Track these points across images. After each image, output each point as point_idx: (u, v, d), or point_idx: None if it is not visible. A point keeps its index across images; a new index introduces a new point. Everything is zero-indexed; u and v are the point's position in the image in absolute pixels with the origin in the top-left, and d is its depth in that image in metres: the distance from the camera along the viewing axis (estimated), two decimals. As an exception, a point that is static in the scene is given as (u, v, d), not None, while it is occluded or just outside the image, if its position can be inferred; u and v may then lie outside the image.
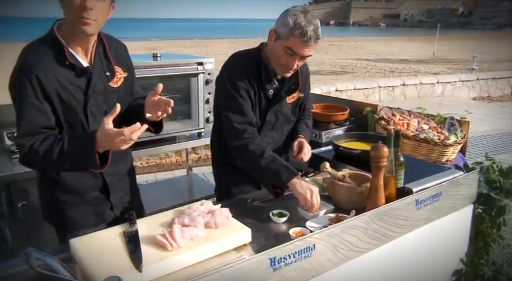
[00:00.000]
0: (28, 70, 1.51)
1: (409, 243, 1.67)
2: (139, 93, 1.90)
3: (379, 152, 1.49)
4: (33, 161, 1.55)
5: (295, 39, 1.78)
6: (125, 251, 1.31)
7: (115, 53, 1.73)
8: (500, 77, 10.74)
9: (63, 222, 1.76)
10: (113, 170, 1.76)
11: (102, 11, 1.53)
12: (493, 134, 6.61)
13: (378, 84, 9.36)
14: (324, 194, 1.84)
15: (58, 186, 1.72)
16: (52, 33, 1.57)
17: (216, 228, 1.45)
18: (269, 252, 1.21)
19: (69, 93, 1.58)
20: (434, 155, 2.29)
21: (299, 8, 1.85)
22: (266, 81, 1.97)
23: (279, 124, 2.09)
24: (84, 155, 1.50)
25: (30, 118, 1.52)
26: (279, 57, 1.86)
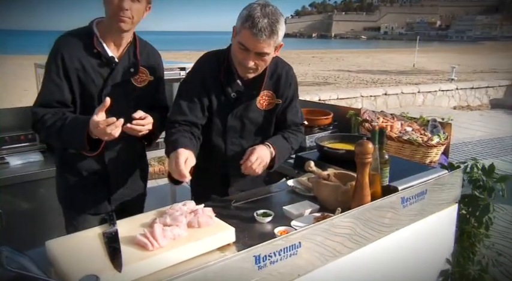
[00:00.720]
0: (56, 50, 1.71)
1: (395, 242, 1.65)
2: (160, 101, 1.98)
3: (364, 148, 1.47)
4: (40, 129, 1.74)
5: (245, 31, 1.64)
6: (103, 252, 1.26)
7: (146, 56, 1.88)
8: (478, 87, 10.99)
9: (71, 205, 1.92)
10: (116, 159, 1.86)
11: (138, 11, 1.71)
12: (473, 140, 6.72)
13: (361, 94, 9.46)
14: (309, 194, 1.82)
15: (68, 168, 1.87)
16: (89, 27, 1.77)
17: (199, 228, 1.40)
18: (253, 249, 1.17)
19: (90, 77, 1.73)
20: (418, 156, 2.29)
21: (260, 1, 1.69)
22: (227, 82, 1.83)
23: (248, 132, 1.92)
24: (76, 136, 1.65)
25: (48, 91, 1.72)
26: (236, 55, 1.74)
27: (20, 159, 2.73)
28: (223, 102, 1.85)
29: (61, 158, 1.90)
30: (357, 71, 19.83)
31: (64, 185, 1.91)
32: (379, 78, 16.89)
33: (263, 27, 1.62)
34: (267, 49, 1.67)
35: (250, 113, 1.88)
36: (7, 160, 2.71)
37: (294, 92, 1.99)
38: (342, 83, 15.24)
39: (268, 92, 1.90)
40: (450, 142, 2.52)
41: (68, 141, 1.70)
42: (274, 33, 1.65)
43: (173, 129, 1.77)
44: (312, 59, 27.26)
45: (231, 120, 1.88)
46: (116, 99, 1.69)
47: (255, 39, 1.63)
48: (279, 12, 1.68)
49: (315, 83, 14.98)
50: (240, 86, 1.84)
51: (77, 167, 1.85)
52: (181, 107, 1.81)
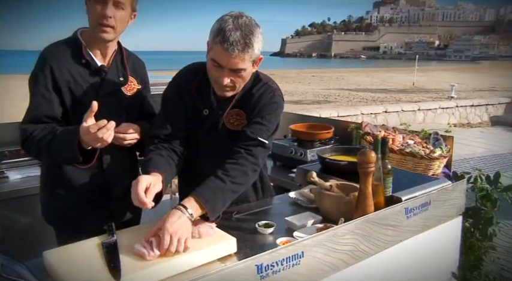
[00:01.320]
0: (44, 62, 1.64)
1: (399, 254, 1.62)
2: (147, 109, 1.92)
3: (367, 157, 1.46)
4: (30, 147, 1.63)
5: (217, 47, 1.50)
6: (102, 262, 1.23)
7: (132, 65, 1.84)
8: (478, 105, 11.03)
9: (62, 221, 1.78)
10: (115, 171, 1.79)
11: (122, 19, 1.66)
12: (475, 157, 6.71)
13: (361, 112, 9.48)
14: (311, 206, 1.80)
15: (59, 183, 1.76)
16: (74, 36, 1.72)
17: (199, 238, 1.38)
18: (256, 258, 1.15)
19: (81, 88, 1.67)
20: (421, 168, 2.27)
21: (233, 13, 1.55)
22: (199, 96, 1.70)
23: (222, 153, 1.63)
24: (67, 146, 1.55)
25: (37, 106, 1.63)
26: (210, 73, 1.60)
27: (19, 173, 2.71)
28: (196, 117, 1.72)
29: (54, 175, 1.76)
30: (357, 89, 19.94)
31: (57, 204, 1.79)
32: (379, 96, 16.97)
33: (235, 40, 1.47)
34: (241, 65, 1.52)
35: (220, 132, 1.71)
36: (6, 174, 2.70)
37: (265, 111, 1.67)
38: (342, 101, 15.31)
39: (238, 110, 1.71)
40: (452, 156, 2.50)
41: (59, 153, 1.58)
42: (248, 47, 1.50)
43: (151, 146, 1.65)
44: (312, 78, 27.45)
45: (202, 137, 1.74)
46: (107, 109, 1.66)
47: (227, 55, 1.49)
48: (254, 23, 1.54)
49: (315, 102, 15.05)
50: (213, 103, 1.70)
51: (74, 183, 1.74)
52: (161, 122, 1.71)
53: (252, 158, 1.59)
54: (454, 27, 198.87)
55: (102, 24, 1.61)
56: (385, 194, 1.62)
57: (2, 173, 2.71)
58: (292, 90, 18.48)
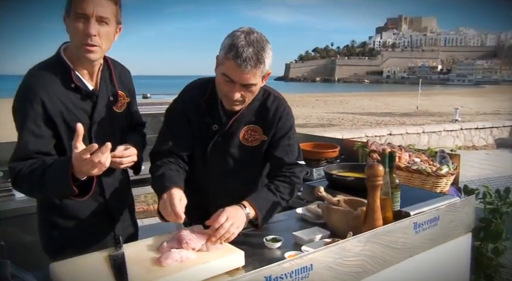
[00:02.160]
0: (32, 94, 1.49)
1: (408, 270, 1.59)
2: (136, 120, 1.89)
3: (375, 170, 1.46)
4: (20, 184, 1.51)
5: (229, 62, 1.52)
6: (110, 274, 1.22)
7: (119, 77, 1.74)
8: (483, 127, 11.01)
9: (61, 252, 1.55)
10: (116, 197, 1.74)
11: (107, 36, 1.53)
12: (481, 178, 6.66)
13: (365, 134, 9.47)
14: (319, 221, 1.79)
15: (58, 212, 1.66)
16: (58, 56, 1.58)
17: (207, 251, 1.37)
18: (264, 270, 1.13)
19: (75, 116, 1.56)
20: (428, 186, 2.26)
21: (244, 28, 1.58)
22: (208, 112, 1.71)
23: (232, 169, 1.75)
24: (60, 180, 1.41)
25: (25, 143, 1.49)
26: (220, 87, 1.62)
27: (26, 191, 2.72)
28: (204, 133, 1.72)
29: (51, 205, 1.65)
30: (361, 113, 20.00)
31: (58, 237, 1.69)
32: (383, 120, 17.00)
33: (248, 57, 1.49)
34: (253, 80, 1.55)
35: (232, 147, 1.72)
36: (13, 193, 2.71)
37: (284, 128, 1.76)
38: (346, 125, 15.34)
39: (254, 126, 1.74)
40: (459, 174, 2.49)
41: (52, 188, 1.46)
42: (260, 63, 1.53)
43: (159, 162, 1.66)
44: (316, 102, 27.59)
45: (211, 154, 1.73)
46: (102, 131, 1.63)
47: (240, 70, 1.51)
48: (264, 39, 1.57)
49: (320, 125, 15.09)
50: (222, 117, 1.71)
51: (74, 211, 1.65)
52: (165, 137, 1.73)
53: (297, 179, 1.76)
54: (456, 52, 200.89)
55: (86, 44, 1.48)
56: (393, 208, 1.61)
57: (9, 191, 2.72)
58: (297, 114, 18.46)
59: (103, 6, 1.48)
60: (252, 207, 1.55)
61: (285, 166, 1.75)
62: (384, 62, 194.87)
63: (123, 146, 1.64)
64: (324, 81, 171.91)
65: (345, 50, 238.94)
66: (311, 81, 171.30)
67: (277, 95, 1.80)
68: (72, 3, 1.48)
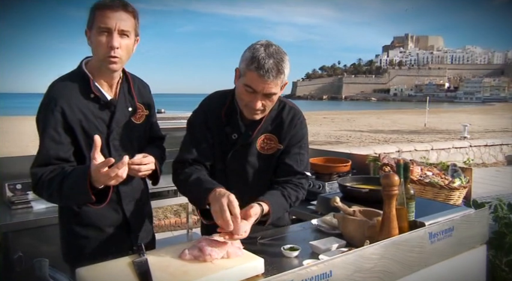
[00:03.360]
0: (53, 102, 1.58)
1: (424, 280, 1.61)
2: (156, 133, 1.95)
3: (391, 180, 1.50)
4: (41, 190, 1.58)
5: (251, 74, 1.61)
6: (135, 279, 1.26)
7: (138, 91, 1.81)
8: (493, 144, 10.96)
9: (80, 259, 1.59)
10: (134, 207, 1.78)
11: (127, 48, 1.63)
12: (492, 195, 6.62)
13: (374, 151, 9.46)
14: (334, 232, 1.81)
15: (78, 220, 1.71)
16: (80, 68, 1.68)
17: (228, 258, 1.41)
18: (286, 275, 1.17)
19: (93, 125, 1.64)
20: (440, 199, 2.28)
21: (262, 41, 1.67)
22: (228, 122, 1.79)
23: (250, 176, 1.82)
24: (79, 188, 1.49)
25: (46, 149, 1.58)
26: (241, 97, 1.70)
27: (43, 203, 2.77)
28: (224, 142, 1.80)
29: (72, 214, 1.72)
30: (369, 130, 20.01)
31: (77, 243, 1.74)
32: (391, 137, 17.00)
33: (270, 68, 1.59)
34: (274, 89, 1.64)
35: (250, 156, 1.80)
36: (31, 205, 2.77)
37: (298, 137, 1.85)
38: (354, 142, 15.34)
39: (270, 135, 1.82)
40: (472, 187, 2.51)
41: (71, 196, 1.54)
42: (280, 73, 1.63)
43: (186, 169, 1.73)
44: (323, 120, 27.67)
45: (230, 163, 1.81)
46: (121, 141, 1.70)
47: (263, 81, 1.60)
48: (282, 51, 1.67)
49: (327, 142, 15.10)
50: (241, 127, 1.79)
51: (93, 220, 1.71)
52: (188, 147, 1.80)
53: (304, 191, 1.86)
54: (463, 69, 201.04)
55: (109, 56, 1.58)
56: (408, 218, 1.64)
57: (27, 204, 2.77)
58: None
59: (124, 21, 1.60)
60: (267, 205, 1.64)
61: (294, 175, 1.82)
62: (391, 80, 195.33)
63: (142, 154, 1.68)
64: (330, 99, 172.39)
65: (351, 68, 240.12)
66: (318, 99, 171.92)
67: (292, 105, 1.89)
68: (95, 18, 1.59)
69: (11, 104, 52.43)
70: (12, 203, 2.75)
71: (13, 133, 15.28)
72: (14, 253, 2.53)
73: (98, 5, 1.59)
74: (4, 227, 2.52)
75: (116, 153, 1.68)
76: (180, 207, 5.23)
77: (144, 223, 1.90)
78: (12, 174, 2.93)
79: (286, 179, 1.81)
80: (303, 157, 1.85)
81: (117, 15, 1.57)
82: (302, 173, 1.84)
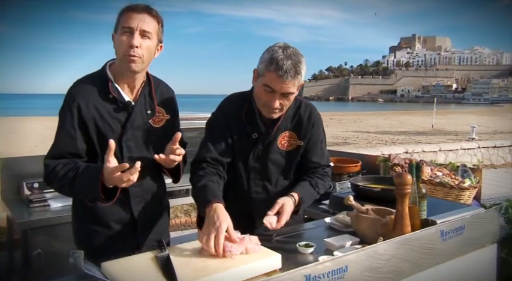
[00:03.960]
0: (71, 99, 1.67)
1: (435, 278, 1.65)
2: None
3: (404, 178, 1.54)
4: (51, 181, 1.67)
5: (270, 74, 1.69)
6: (158, 273, 1.32)
7: (161, 95, 1.84)
8: (501, 146, 10.91)
9: (91, 252, 1.64)
10: (143, 207, 1.81)
11: (148, 49, 1.67)
12: (501, 196, 6.61)
13: (381, 152, 9.48)
14: (347, 230, 1.86)
15: (89, 216, 1.77)
16: (103, 69, 1.75)
17: (246, 253, 1.46)
18: (304, 269, 1.22)
19: (107, 124, 1.69)
20: (451, 198, 2.32)
21: (280, 44, 1.76)
22: (248, 122, 1.87)
23: (271, 173, 1.92)
24: (90, 186, 1.57)
25: (61, 143, 1.67)
26: (260, 97, 1.78)
27: (60, 202, 2.84)
28: (244, 142, 1.88)
29: (84, 209, 1.79)
30: (376, 132, 19.96)
31: (87, 236, 1.80)
32: (398, 138, 16.95)
33: (288, 68, 1.67)
34: (292, 89, 1.73)
35: (271, 154, 1.89)
36: (48, 203, 2.84)
37: (318, 133, 1.97)
38: (361, 143, 15.33)
39: (289, 133, 1.91)
40: (481, 187, 2.54)
41: (82, 191, 1.63)
42: (298, 74, 1.71)
43: (201, 172, 1.79)
44: (330, 121, 27.61)
45: (252, 161, 1.89)
46: (135, 143, 1.74)
47: (281, 81, 1.69)
48: (300, 53, 1.75)
49: (335, 143, 15.09)
50: (261, 126, 1.87)
51: (102, 216, 1.77)
52: (207, 147, 1.86)
53: (328, 178, 2.02)
54: (471, 70, 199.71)
55: (129, 54, 1.63)
56: (420, 216, 1.69)
57: (44, 202, 2.85)
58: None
59: (146, 22, 1.66)
60: (297, 196, 1.80)
61: (321, 168, 1.98)
62: (398, 81, 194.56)
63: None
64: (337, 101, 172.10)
65: (358, 69, 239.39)
66: (325, 100, 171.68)
67: (308, 103, 1.99)
68: (120, 21, 1.67)
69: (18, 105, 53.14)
70: (30, 202, 2.83)
71: (21, 134, 15.47)
72: (33, 249, 2.61)
73: (124, 9, 1.67)
74: (23, 224, 2.59)
75: (128, 154, 1.72)
76: (190, 207, 5.30)
77: (155, 224, 1.91)
78: (30, 173, 3.00)
79: (313, 171, 1.96)
80: (325, 151, 2.03)
81: (140, 17, 1.65)
82: (327, 165, 2.02)
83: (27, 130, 17.27)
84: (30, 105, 52.42)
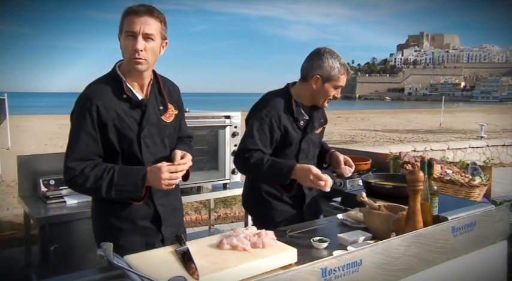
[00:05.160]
0: (90, 102, 1.71)
1: (447, 273, 1.69)
2: (185, 132, 2.06)
3: (416, 176, 1.58)
4: (80, 184, 1.70)
5: (344, 76, 2.16)
6: (179, 265, 1.37)
7: (168, 91, 1.92)
8: (510, 144, 10.85)
9: (116, 249, 1.65)
10: (164, 201, 1.88)
11: (152, 50, 1.74)
12: (511, 194, 6.60)
13: (390, 150, 9.45)
14: (359, 226, 1.90)
15: (113, 213, 1.82)
16: (114, 70, 1.81)
17: (263, 248, 1.50)
18: (321, 262, 1.26)
19: (125, 123, 1.75)
20: (461, 196, 2.35)
21: (329, 52, 2.15)
22: (297, 114, 2.20)
23: (311, 152, 2.31)
24: (133, 191, 1.68)
25: (85, 145, 1.71)
26: (329, 94, 2.18)
27: (75, 199, 2.90)
28: (296, 131, 2.21)
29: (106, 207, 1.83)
30: (383, 130, 19.90)
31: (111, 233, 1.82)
32: (406, 136, 16.89)
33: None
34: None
35: (313, 136, 2.29)
36: (64, 199, 2.90)
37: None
38: (369, 142, 15.29)
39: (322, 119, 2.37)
40: (491, 185, 2.56)
41: (122, 192, 1.69)
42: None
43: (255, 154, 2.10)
44: (337, 119, 27.55)
45: (303, 145, 2.24)
46: (152, 139, 1.81)
47: (347, 78, 2.24)
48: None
49: (342, 142, 15.08)
50: (305, 116, 2.23)
51: (127, 213, 1.82)
52: (254, 140, 2.12)
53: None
54: (480, 68, 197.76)
55: (134, 58, 1.70)
56: (432, 213, 1.72)
57: (61, 198, 2.91)
58: (318, 131, 18.52)
59: (149, 25, 1.71)
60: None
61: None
62: (406, 79, 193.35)
63: (180, 152, 1.80)
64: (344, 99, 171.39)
65: (365, 67, 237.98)
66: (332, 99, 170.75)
67: None
68: (123, 24, 1.73)
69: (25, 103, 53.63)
70: (46, 198, 2.89)
71: (30, 132, 15.64)
72: (50, 245, 2.67)
73: (126, 12, 1.72)
74: (40, 220, 2.65)
75: (146, 150, 1.79)
76: (200, 204, 5.35)
77: (174, 218, 1.98)
78: (46, 170, 3.08)
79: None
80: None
81: (142, 20, 1.69)
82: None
83: (35, 128, 17.45)
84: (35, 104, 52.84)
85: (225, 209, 5.44)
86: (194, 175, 2.04)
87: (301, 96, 2.23)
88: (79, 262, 2.70)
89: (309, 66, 2.18)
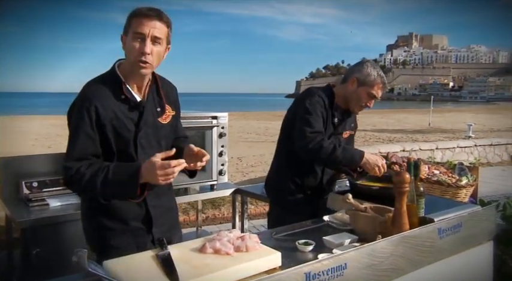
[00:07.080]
0: (88, 101, 1.69)
1: (434, 275, 1.67)
2: (181, 132, 2.04)
3: (402, 177, 1.56)
4: (77, 182, 1.67)
5: (378, 86, 2.34)
6: (159, 271, 1.33)
7: (166, 92, 1.90)
8: (498, 144, 10.95)
9: (106, 249, 1.75)
10: (157, 202, 1.85)
11: (158, 54, 1.73)
12: (497, 194, 6.65)
13: (379, 150, 9.50)
14: (345, 228, 1.88)
15: (104, 213, 1.79)
16: (113, 70, 1.78)
17: (246, 251, 1.47)
18: (304, 267, 1.23)
19: (123, 124, 1.74)
20: (447, 197, 2.34)
21: (371, 63, 2.41)
22: (336, 110, 2.42)
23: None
24: (127, 185, 1.63)
25: (83, 145, 1.70)
26: (361, 99, 2.36)
27: (59, 201, 2.84)
28: (329, 125, 2.41)
29: (97, 207, 1.80)
30: (373, 130, 20.00)
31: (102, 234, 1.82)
32: (395, 136, 17.00)
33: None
34: None
35: (341, 138, 2.51)
36: (47, 202, 2.84)
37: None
38: (358, 141, 15.32)
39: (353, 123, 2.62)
40: (478, 186, 2.56)
41: (116, 190, 1.67)
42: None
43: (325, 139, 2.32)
44: (327, 119, 27.60)
45: (333, 140, 2.39)
46: (148, 141, 1.79)
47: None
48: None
49: (332, 141, 15.10)
50: (339, 114, 2.44)
51: (119, 213, 1.80)
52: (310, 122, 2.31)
53: None
54: (467, 69, 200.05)
55: (140, 61, 1.68)
56: (418, 215, 1.70)
57: (43, 201, 2.85)
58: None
59: (158, 28, 1.70)
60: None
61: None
62: (395, 79, 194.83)
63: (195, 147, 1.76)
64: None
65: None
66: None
67: None
68: (131, 24, 1.70)
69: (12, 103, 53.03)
70: (29, 201, 2.82)
71: (17, 133, 15.45)
72: (32, 248, 2.61)
73: (135, 13, 1.69)
74: (22, 223, 2.59)
75: (142, 151, 1.77)
76: (188, 205, 5.30)
77: (167, 218, 1.95)
78: (29, 172, 3.01)
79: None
80: None
81: (151, 24, 1.68)
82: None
83: (23, 129, 17.24)
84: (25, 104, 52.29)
85: (213, 210, 5.40)
86: (181, 175, 1.98)
87: (339, 97, 2.42)
88: (62, 266, 2.60)
89: (350, 70, 2.43)
